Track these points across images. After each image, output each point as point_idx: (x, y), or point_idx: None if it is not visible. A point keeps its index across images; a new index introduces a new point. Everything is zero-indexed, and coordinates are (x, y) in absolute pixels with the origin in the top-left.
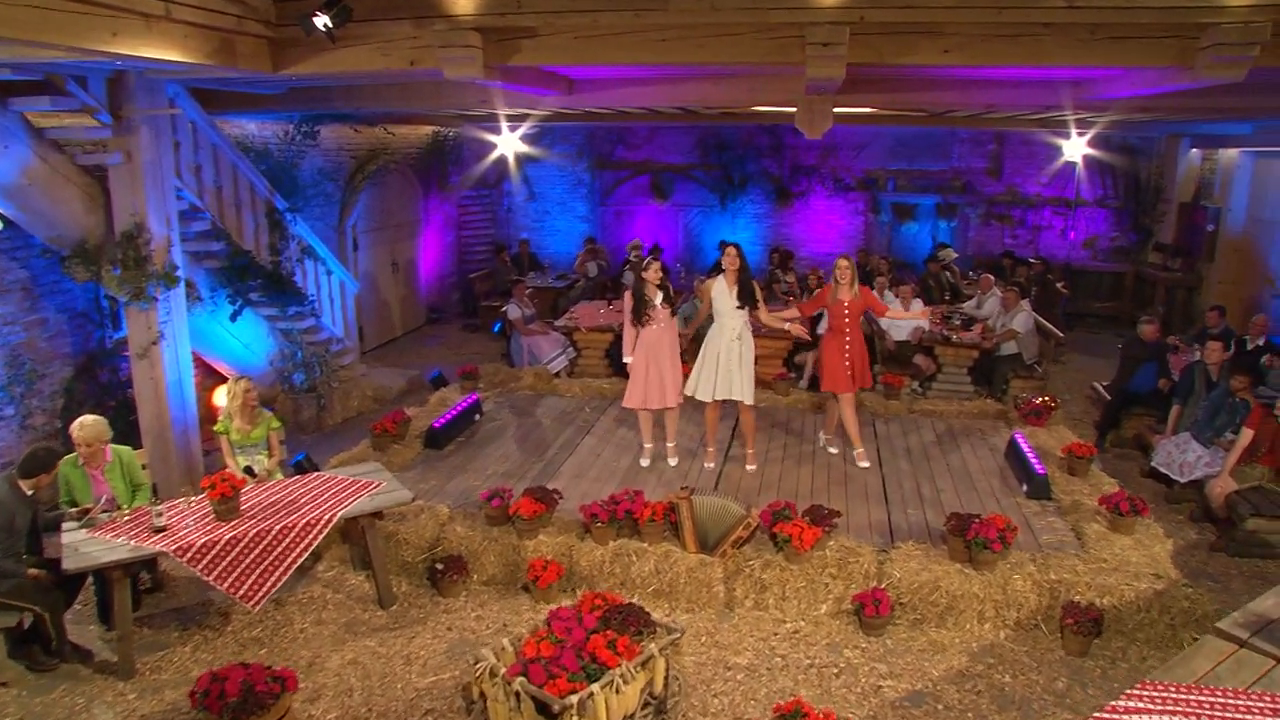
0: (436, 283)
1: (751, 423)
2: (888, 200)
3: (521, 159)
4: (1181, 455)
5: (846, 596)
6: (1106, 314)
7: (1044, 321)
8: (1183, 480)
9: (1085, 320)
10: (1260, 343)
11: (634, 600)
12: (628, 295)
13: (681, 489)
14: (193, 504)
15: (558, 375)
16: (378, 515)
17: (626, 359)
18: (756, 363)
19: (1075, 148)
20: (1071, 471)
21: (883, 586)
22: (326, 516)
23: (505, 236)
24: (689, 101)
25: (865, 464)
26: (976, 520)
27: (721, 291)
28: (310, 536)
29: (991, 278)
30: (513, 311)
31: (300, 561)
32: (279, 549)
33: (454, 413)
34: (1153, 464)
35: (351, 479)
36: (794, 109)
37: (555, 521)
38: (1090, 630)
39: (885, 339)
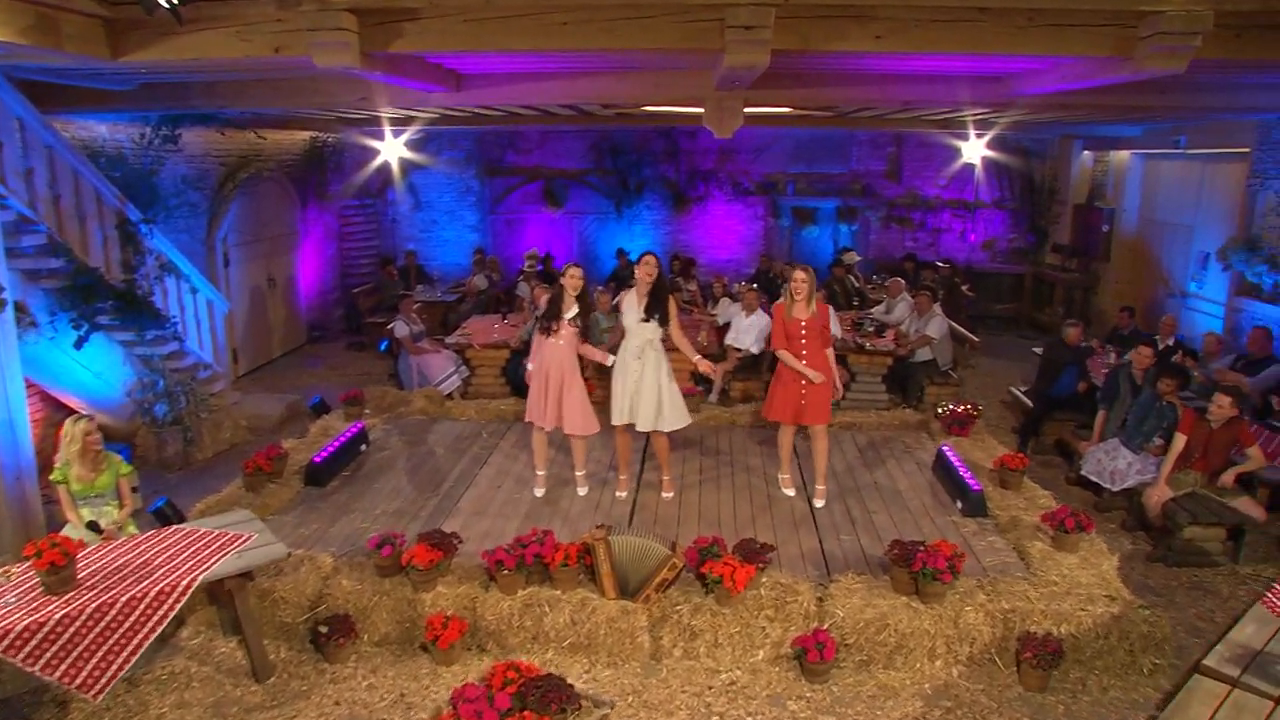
0: (318, 299)
1: (666, 447)
2: (788, 204)
3: (406, 166)
4: (1112, 463)
5: (786, 640)
6: (1006, 316)
7: (958, 326)
8: (1115, 489)
9: (986, 323)
10: (1170, 343)
11: (549, 655)
12: (543, 298)
13: (597, 528)
14: (14, 576)
15: (450, 397)
16: (248, 575)
17: (529, 365)
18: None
19: (974, 149)
20: (1004, 485)
21: (825, 627)
22: (185, 582)
23: (390, 248)
24: (589, 98)
25: (821, 503)
26: (921, 548)
27: (629, 305)
28: (164, 608)
29: (902, 282)
30: (400, 329)
31: (153, 638)
32: (126, 625)
33: (337, 444)
34: (1082, 472)
35: (217, 532)
36: (699, 110)
37: (455, 569)
38: (1050, 663)
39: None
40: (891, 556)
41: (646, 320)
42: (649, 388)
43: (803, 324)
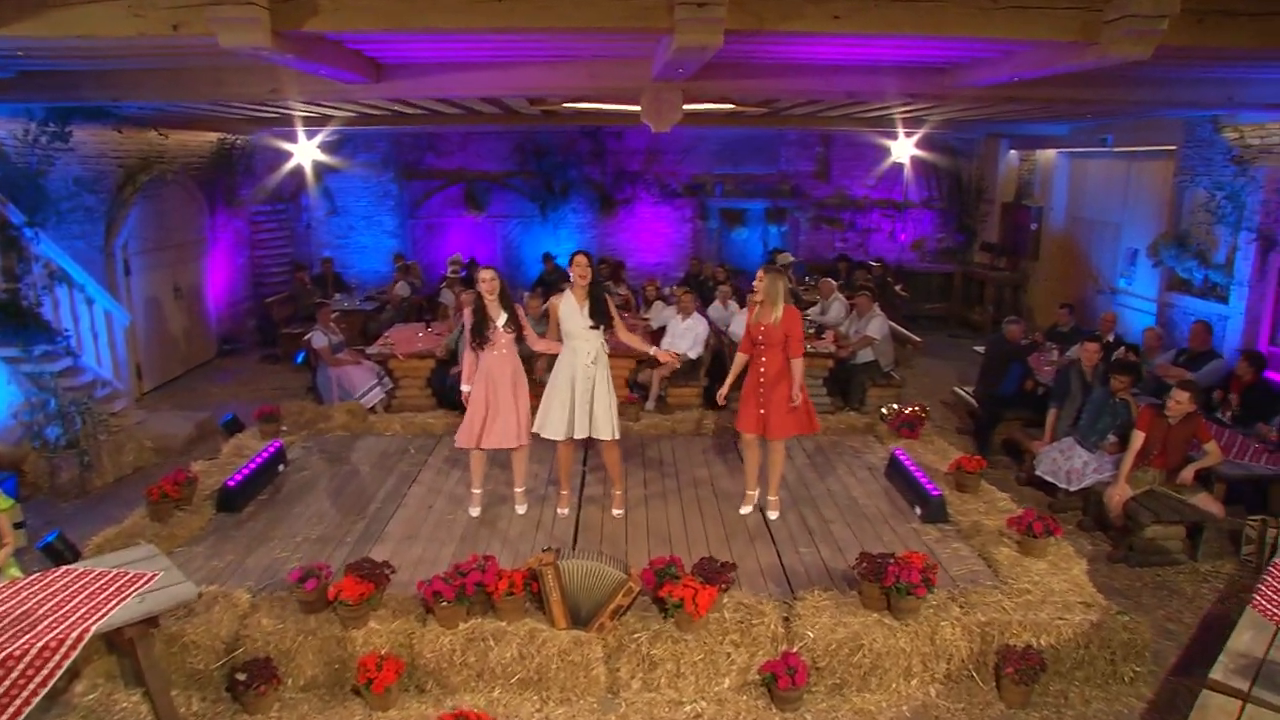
0: (228, 310)
1: (617, 460)
2: (716, 206)
3: (321, 169)
4: (1067, 462)
5: (753, 666)
6: (936, 315)
7: (898, 326)
8: (1072, 489)
9: (917, 322)
10: (1110, 339)
11: (496, 694)
12: (467, 313)
13: (544, 552)
14: None
15: (373, 411)
16: (152, 621)
17: (465, 388)
18: None
19: (903, 149)
20: (960, 488)
21: (795, 650)
22: (75, 635)
23: (305, 255)
24: (519, 90)
25: (775, 514)
26: (891, 561)
27: (571, 309)
28: (50, 666)
29: (833, 282)
30: (318, 339)
31: (40, 697)
32: (5, 685)
33: (252, 466)
34: (1037, 472)
35: (115, 573)
36: (631, 108)
37: (388, 602)
38: (1033, 677)
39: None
40: (861, 571)
41: (595, 326)
42: (602, 395)
43: (762, 329)
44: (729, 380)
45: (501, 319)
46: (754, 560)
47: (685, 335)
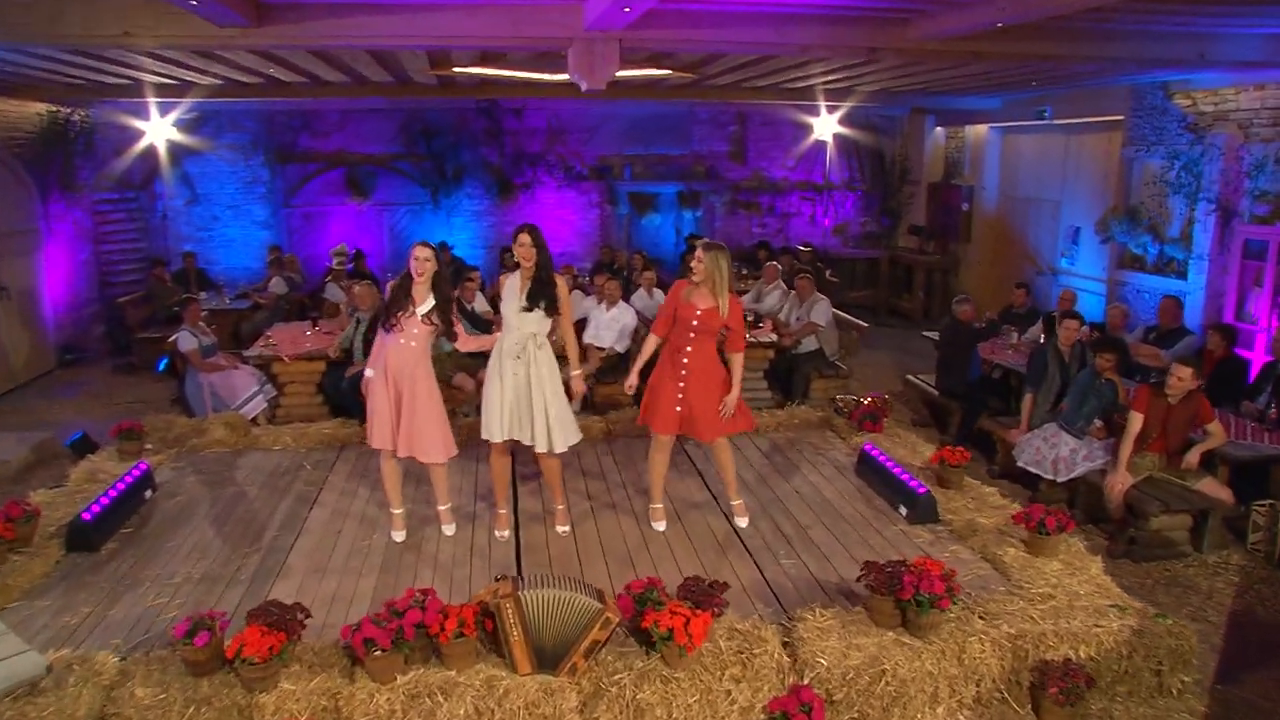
0: (70, 313)
1: (557, 470)
2: (625, 190)
3: (178, 151)
4: (1053, 451)
5: (757, 705)
6: (864, 303)
7: (842, 313)
8: (1060, 479)
9: (845, 311)
10: None
11: None
12: (391, 285)
13: (498, 579)
14: None
15: (255, 422)
16: None
17: (367, 371)
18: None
19: (825, 125)
20: (942, 483)
21: (806, 683)
22: None
23: (162, 250)
24: (431, 39)
25: (744, 521)
26: (907, 569)
27: (510, 292)
28: None
29: (778, 266)
30: (185, 342)
31: None
32: None
33: (112, 493)
34: (1019, 463)
35: None
36: (550, 78)
37: (304, 655)
38: (1079, 696)
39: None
40: (869, 583)
41: (529, 309)
42: (536, 395)
43: (698, 312)
44: (637, 366)
45: (424, 306)
46: (732, 576)
47: (610, 327)
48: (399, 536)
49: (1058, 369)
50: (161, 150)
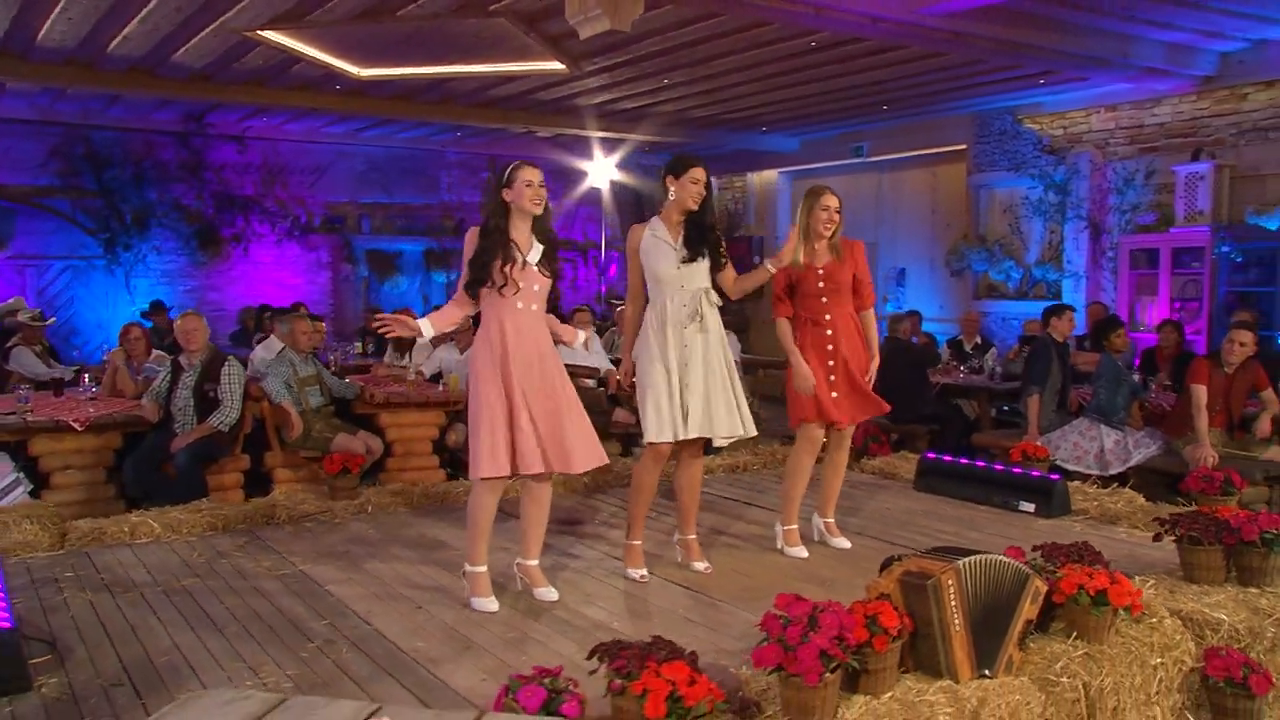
0: None
1: (698, 483)
2: (363, 247)
3: None
4: (1093, 445)
5: (1176, 675)
6: None
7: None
8: (1111, 471)
9: None
10: (978, 341)
11: None
12: (471, 234)
13: (894, 560)
14: None
15: None
16: None
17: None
18: None
19: (601, 170)
20: None
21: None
22: None
23: None
24: None
25: (845, 543)
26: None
27: (657, 244)
28: None
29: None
30: None
31: None
32: None
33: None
34: (1057, 460)
35: None
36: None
37: None
38: None
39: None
40: (1193, 534)
41: (691, 259)
42: (717, 367)
43: (820, 271)
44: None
45: (535, 253)
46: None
47: (461, 368)
48: (489, 606)
49: (1059, 365)
50: None
